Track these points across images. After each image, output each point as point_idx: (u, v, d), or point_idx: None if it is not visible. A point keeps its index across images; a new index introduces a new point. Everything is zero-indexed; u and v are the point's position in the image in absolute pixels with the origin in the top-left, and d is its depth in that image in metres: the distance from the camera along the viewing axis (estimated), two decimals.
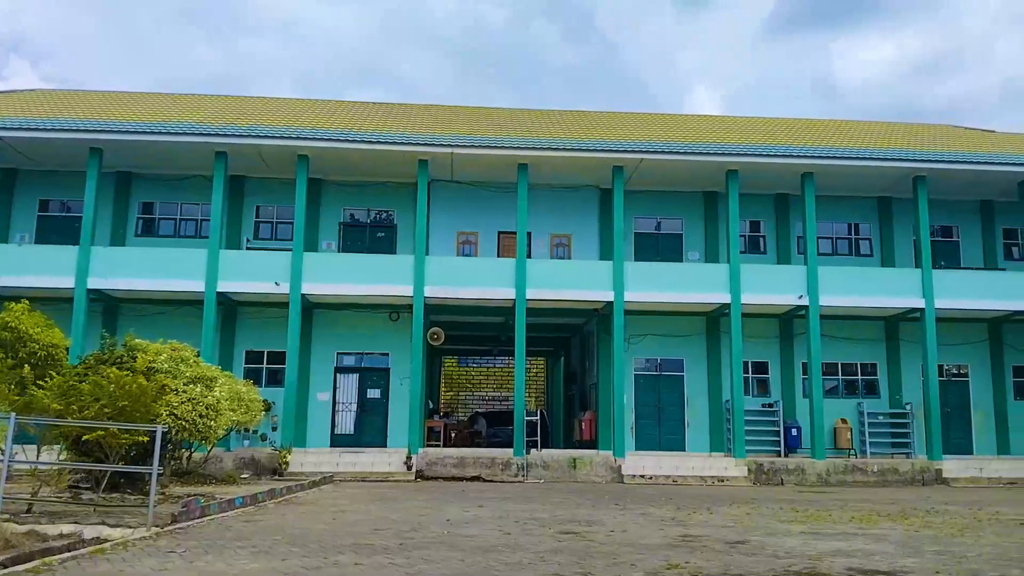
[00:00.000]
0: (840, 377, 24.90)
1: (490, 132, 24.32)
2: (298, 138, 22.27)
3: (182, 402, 14.55)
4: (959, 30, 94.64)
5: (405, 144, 22.55)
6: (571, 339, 30.77)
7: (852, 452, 23.63)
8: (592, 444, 23.91)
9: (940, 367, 24.10)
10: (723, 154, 23.02)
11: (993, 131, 30.48)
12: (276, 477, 19.77)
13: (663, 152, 23.00)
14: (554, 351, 34.88)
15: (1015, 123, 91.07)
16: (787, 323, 24.79)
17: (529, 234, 23.84)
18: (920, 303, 23.11)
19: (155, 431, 10.99)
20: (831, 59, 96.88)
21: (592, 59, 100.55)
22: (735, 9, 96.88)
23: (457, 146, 22.60)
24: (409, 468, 20.99)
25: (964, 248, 26.09)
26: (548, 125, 26.29)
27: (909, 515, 12.94)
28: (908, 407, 24.16)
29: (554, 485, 19.86)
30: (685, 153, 23.02)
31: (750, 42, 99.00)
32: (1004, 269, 25.32)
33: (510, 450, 21.84)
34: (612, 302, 22.61)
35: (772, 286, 23.12)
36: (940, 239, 25.83)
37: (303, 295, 22.25)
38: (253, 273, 22.21)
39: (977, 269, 25.24)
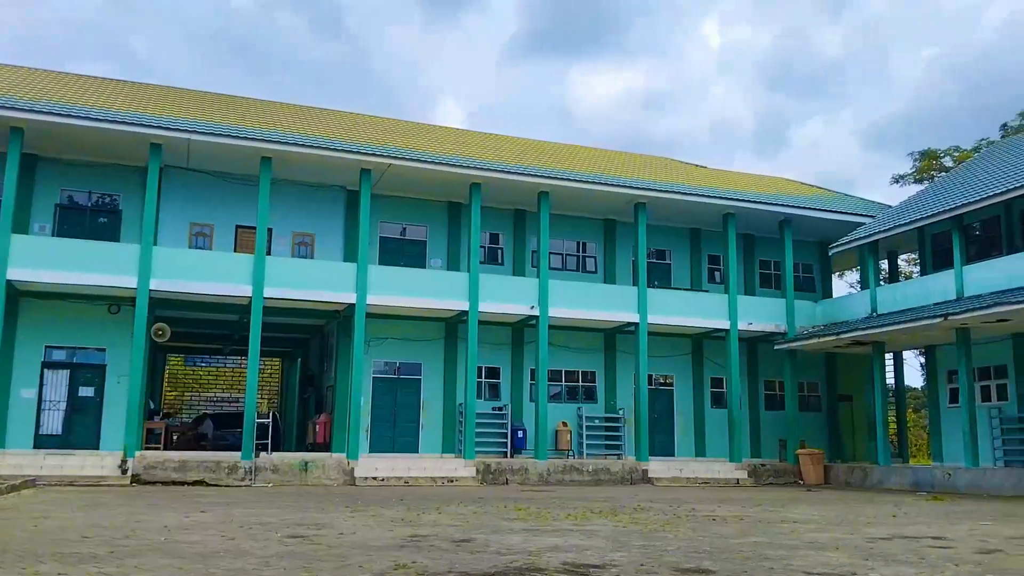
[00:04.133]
0: (563, 383, 26.62)
1: (233, 121, 23.27)
2: (12, 108, 19.97)
3: None
4: (680, 73, 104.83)
5: (137, 125, 20.94)
6: (310, 340, 30.18)
7: (571, 453, 25.36)
8: (327, 447, 23.63)
9: (650, 376, 26.64)
10: (468, 167, 23.79)
11: (705, 166, 34.16)
12: None
13: (411, 159, 23.34)
14: (291, 352, 34.02)
15: (722, 159, 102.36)
16: (519, 331, 26.11)
17: (270, 230, 23.14)
18: (635, 318, 25.35)
19: None
20: (567, 86, 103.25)
21: (341, 58, 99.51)
22: (480, 28, 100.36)
23: (196, 132, 21.38)
24: (124, 472, 19.55)
25: (675, 270, 29.00)
26: (295, 120, 25.67)
27: (618, 512, 14.08)
28: (621, 412, 26.42)
29: (284, 489, 19.40)
30: (432, 163, 23.51)
31: (494, 62, 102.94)
32: (707, 291, 28.42)
33: (238, 453, 21.03)
34: (354, 304, 22.54)
35: (507, 296, 24.27)
36: (655, 261, 28.51)
37: (8, 281, 19.97)
38: None
39: (685, 290, 28.10)
